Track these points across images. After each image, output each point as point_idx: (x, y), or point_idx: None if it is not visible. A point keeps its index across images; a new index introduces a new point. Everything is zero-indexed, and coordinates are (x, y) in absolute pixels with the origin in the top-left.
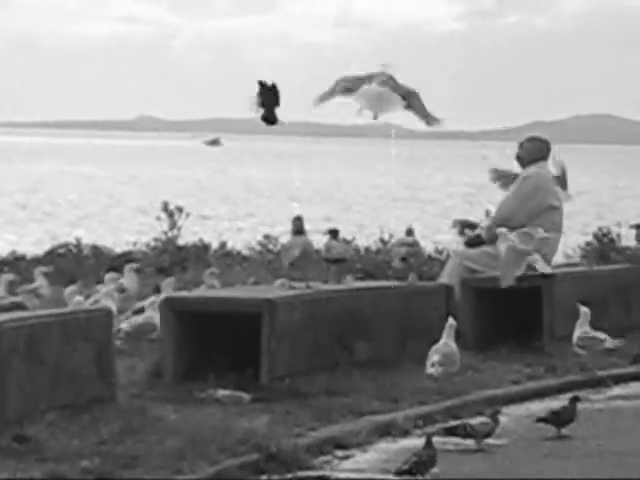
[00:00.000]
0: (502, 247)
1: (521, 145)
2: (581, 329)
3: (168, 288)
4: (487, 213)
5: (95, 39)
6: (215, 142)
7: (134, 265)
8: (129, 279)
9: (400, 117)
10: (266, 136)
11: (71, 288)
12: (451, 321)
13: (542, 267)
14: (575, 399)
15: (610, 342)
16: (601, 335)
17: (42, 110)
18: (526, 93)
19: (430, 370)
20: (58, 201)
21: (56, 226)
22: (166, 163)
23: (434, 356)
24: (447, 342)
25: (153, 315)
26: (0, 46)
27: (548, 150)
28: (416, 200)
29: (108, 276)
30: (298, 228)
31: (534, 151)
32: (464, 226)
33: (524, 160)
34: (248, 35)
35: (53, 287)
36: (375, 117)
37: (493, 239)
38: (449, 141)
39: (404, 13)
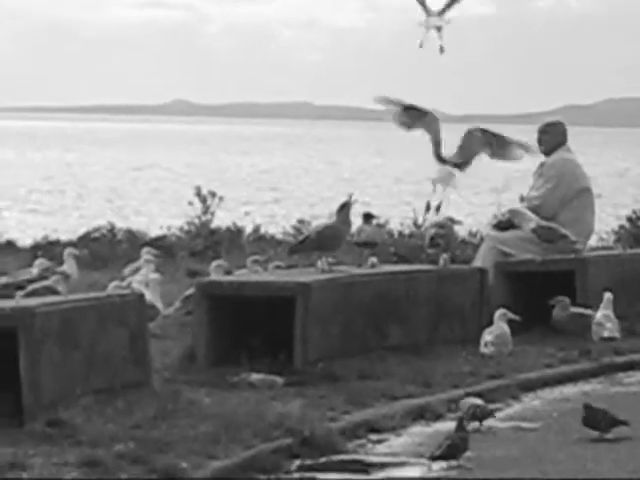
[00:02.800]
0: (526, 228)
1: (543, 132)
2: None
3: (218, 271)
4: (521, 198)
5: (126, 24)
6: None
7: (153, 250)
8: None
9: (433, 102)
10: (295, 121)
11: (115, 283)
12: (502, 310)
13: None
14: None
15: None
16: (587, 311)
17: (75, 95)
18: (559, 77)
19: (483, 349)
20: (92, 186)
21: (90, 211)
22: (201, 147)
23: (487, 336)
24: (500, 325)
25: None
26: (33, 32)
27: (566, 133)
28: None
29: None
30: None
31: (558, 136)
32: (503, 227)
33: (547, 146)
34: (279, 19)
35: (83, 271)
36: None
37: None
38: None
39: None
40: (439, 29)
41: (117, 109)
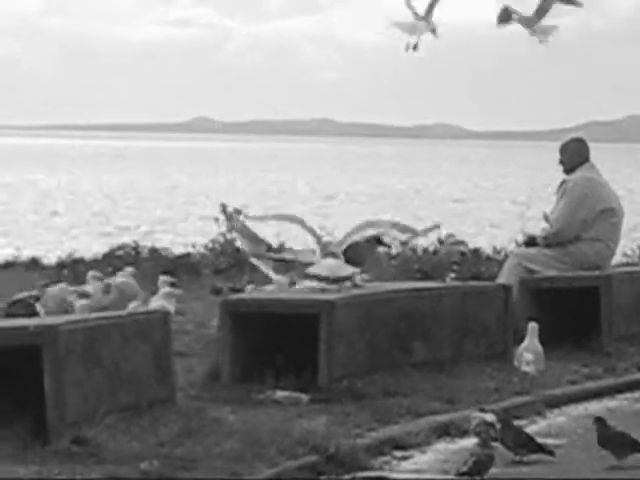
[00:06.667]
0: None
1: (560, 151)
2: None
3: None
4: (545, 216)
5: (147, 42)
6: None
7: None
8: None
9: (455, 118)
10: (321, 137)
11: (134, 304)
12: (533, 324)
13: None
14: None
15: None
16: None
17: (98, 113)
18: (581, 93)
19: (525, 368)
20: (116, 206)
21: (113, 229)
22: (225, 165)
23: (527, 355)
24: (534, 342)
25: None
26: (56, 50)
27: (588, 150)
28: (472, 201)
29: (162, 279)
30: None
31: (576, 154)
32: (528, 243)
33: (567, 165)
34: (299, 36)
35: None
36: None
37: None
38: (505, 141)
39: (453, 13)
40: (433, 32)
41: (139, 127)
